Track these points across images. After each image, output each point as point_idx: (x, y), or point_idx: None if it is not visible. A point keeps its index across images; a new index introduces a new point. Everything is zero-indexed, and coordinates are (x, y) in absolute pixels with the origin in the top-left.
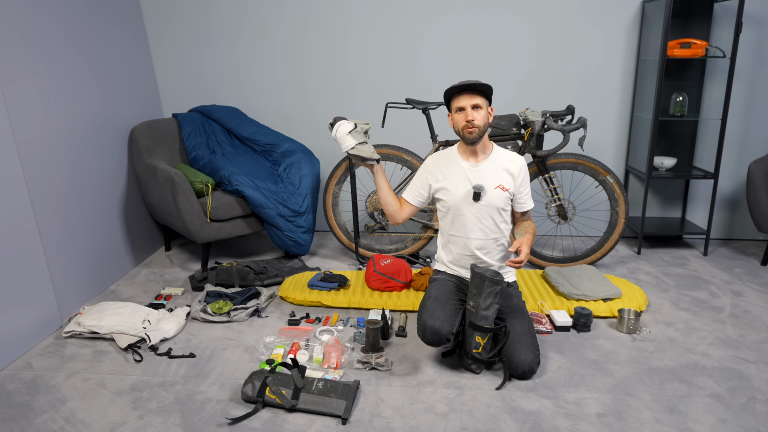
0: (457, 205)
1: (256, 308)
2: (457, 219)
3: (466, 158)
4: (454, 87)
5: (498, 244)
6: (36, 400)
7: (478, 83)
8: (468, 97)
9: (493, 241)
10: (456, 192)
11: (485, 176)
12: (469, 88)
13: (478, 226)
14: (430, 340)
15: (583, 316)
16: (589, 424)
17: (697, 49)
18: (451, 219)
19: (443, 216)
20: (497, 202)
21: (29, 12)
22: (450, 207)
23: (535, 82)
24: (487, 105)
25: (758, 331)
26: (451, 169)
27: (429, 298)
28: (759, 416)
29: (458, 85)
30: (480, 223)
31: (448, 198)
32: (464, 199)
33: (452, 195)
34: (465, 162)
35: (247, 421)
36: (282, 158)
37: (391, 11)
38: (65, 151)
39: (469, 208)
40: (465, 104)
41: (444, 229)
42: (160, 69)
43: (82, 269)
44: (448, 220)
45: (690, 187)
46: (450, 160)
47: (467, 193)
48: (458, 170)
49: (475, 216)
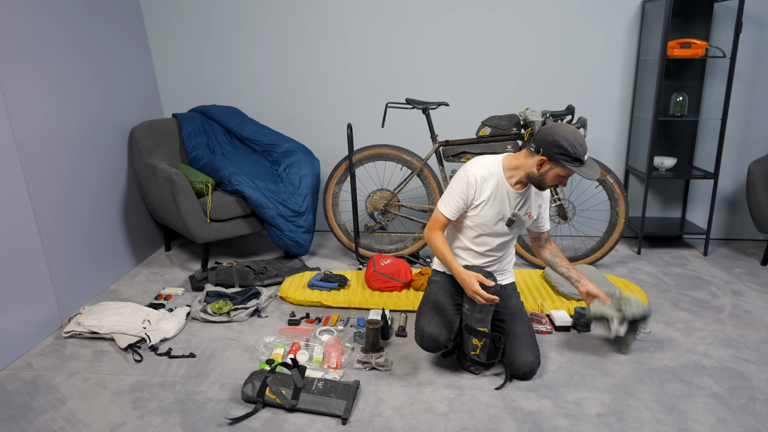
0: (487, 223)
1: (256, 308)
2: (479, 235)
3: (512, 183)
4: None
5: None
6: (36, 400)
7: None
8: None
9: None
10: (493, 213)
11: (523, 204)
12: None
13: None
14: (428, 347)
15: (583, 316)
16: (589, 424)
17: (697, 49)
18: (473, 233)
19: (468, 228)
20: (522, 228)
21: (29, 12)
22: (478, 224)
23: (535, 82)
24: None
25: (758, 331)
26: (495, 189)
27: (427, 303)
28: (759, 416)
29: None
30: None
31: (482, 215)
32: (495, 222)
33: (487, 214)
34: (511, 188)
35: (247, 421)
36: (282, 158)
37: (391, 11)
38: (65, 151)
39: (495, 228)
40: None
41: (455, 236)
42: (160, 69)
43: (82, 269)
44: (470, 232)
45: (690, 187)
46: (494, 176)
47: (502, 218)
48: (503, 193)
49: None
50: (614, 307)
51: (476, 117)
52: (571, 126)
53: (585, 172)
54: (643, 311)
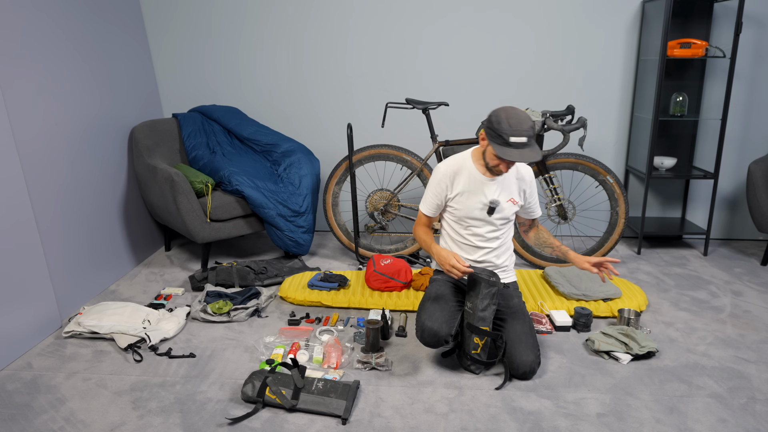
0: (469, 215)
1: (256, 308)
2: (466, 228)
3: (482, 171)
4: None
5: (504, 249)
6: (36, 400)
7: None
8: (519, 156)
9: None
10: (470, 204)
11: (500, 190)
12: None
13: (486, 236)
14: (429, 341)
15: (583, 316)
16: (589, 424)
17: (697, 49)
18: (460, 227)
19: (453, 222)
20: (507, 214)
21: (29, 12)
22: (461, 216)
23: (535, 82)
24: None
25: (758, 331)
26: (465, 180)
27: (428, 299)
28: (759, 416)
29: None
30: (489, 233)
31: (461, 207)
32: (477, 211)
33: (466, 205)
34: (480, 174)
35: (247, 421)
36: (282, 158)
37: (391, 11)
38: (65, 151)
39: (479, 219)
40: (511, 160)
41: (448, 233)
42: (160, 69)
43: (82, 269)
44: (456, 227)
45: (690, 187)
46: (465, 169)
47: (482, 207)
48: (474, 182)
49: (483, 225)
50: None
51: (476, 117)
52: (523, 111)
53: (507, 152)
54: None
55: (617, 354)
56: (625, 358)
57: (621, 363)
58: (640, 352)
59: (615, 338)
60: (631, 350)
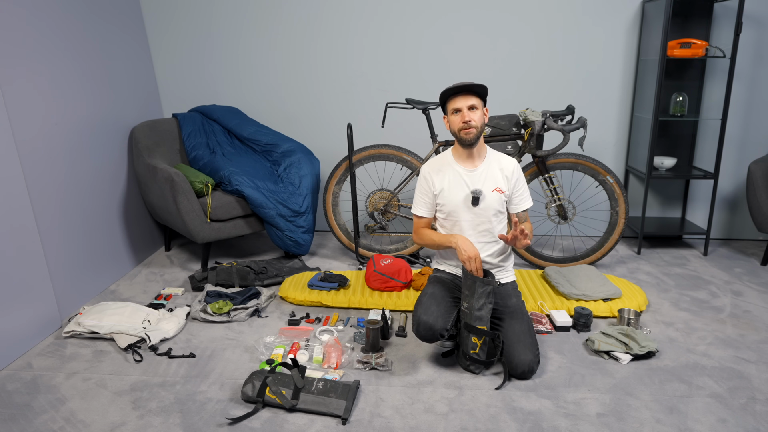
0: (456, 209)
1: (256, 308)
2: (455, 223)
3: (461, 163)
4: (449, 89)
5: (497, 244)
6: (36, 400)
7: (473, 84)
8: (464, 99)
9: (493, 243)
10: (454, 197)
11: (482, 180)
12: (464, 90)
13: (476, 230)
14: (424, 335)
15: (583, 316)
16: (589, 424)
17: (697, 49)
18: (450, 223)
19: (442, 220)
20: (494, 205)
21: (29, 12)
22: (449, 212)
23: (535, 82)
24: (482, 106)
25: (758, 331)
26: (447, 175)
27: (425, 294)
28: (759, 416)
29: (453, 87)
30: (478, 226)
31: (446, 203)
32: (462, 204)
33: (450, 200)
34: (461, 167)
35: (247, 421)
36: (282, 158)
37: (391, 11)
38: (65, 151)
39: (467, 212)
40: (461, 105)
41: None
42: (160, 69)
43: (82, 269)
44: (447, 224)
45: (690, 187)
46: (445, 165)
47: (466, 198)
48: (455, 175)
49: (473, 219)
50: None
51: None
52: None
53: (455, 101)
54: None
55: (617, 354)
56: (625, 358)
57: (621, 363)
58: (640, 352)
59: (615, 338)
60: (631, 350)
